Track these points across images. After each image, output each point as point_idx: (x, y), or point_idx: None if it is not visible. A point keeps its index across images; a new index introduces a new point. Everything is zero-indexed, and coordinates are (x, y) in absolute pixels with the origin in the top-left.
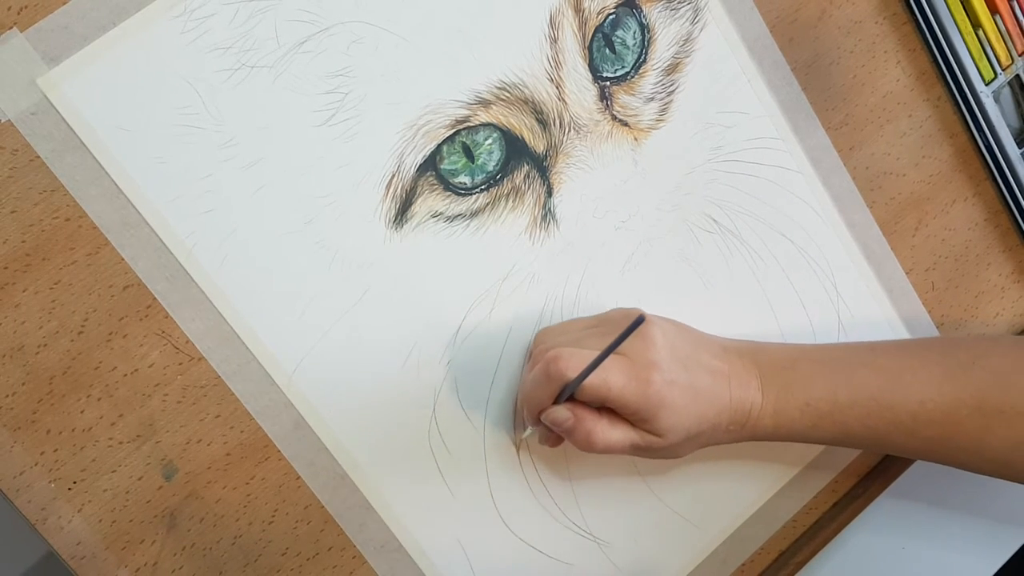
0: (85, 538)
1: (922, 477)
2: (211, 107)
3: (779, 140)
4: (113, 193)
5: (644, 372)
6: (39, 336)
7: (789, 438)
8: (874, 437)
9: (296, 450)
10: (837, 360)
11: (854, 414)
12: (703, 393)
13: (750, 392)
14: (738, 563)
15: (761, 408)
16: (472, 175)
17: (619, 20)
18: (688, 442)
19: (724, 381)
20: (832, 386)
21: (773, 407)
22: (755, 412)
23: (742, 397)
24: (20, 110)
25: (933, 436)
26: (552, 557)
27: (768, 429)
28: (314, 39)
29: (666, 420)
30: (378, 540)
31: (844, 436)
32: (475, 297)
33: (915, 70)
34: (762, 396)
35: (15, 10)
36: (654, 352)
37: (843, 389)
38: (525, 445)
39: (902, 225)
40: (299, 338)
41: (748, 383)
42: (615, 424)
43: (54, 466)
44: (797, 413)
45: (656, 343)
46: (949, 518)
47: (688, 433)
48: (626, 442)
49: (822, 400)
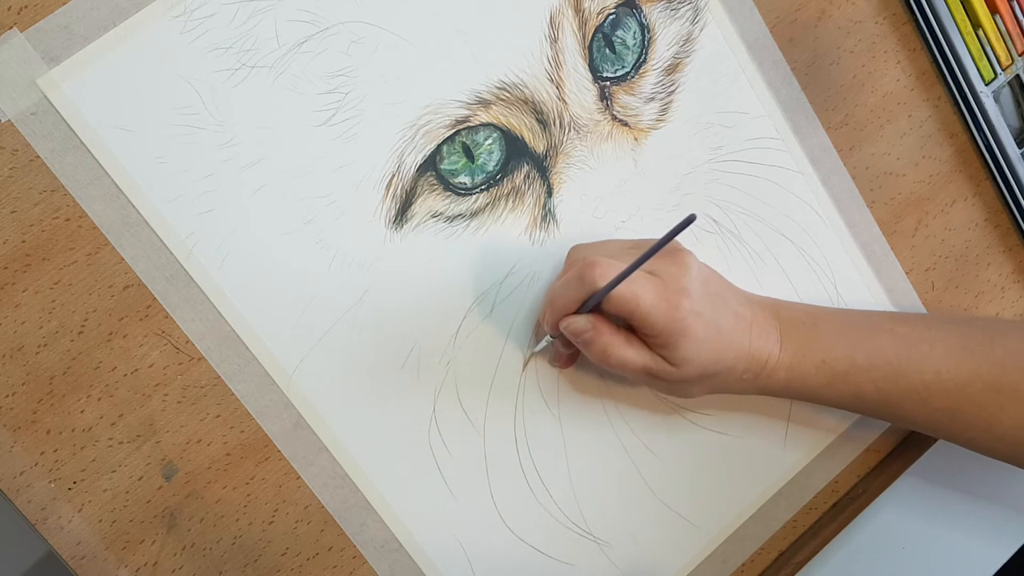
0: (85, 538)
1: (922, 478)
2: (211, 107)
3: (779, 140)
4: (113, 193)
5: (674, 296)
6: (39, 336)
7: (800, 395)
8: (885, 403)
9: (296, 450)
10: (858, 323)
11: (869, 377)
12: (725, 333)
13: (769, 343)
14: (738, 563)
15: (777, 360)
16: (472, 175)
17: (619, 20)
18: (701, 381)
19: (746, 327)
20: (850, 347)
21: (789, 361)
22: (771, 363)
23: (760, 346)
24: (20, 110)
25: (945, 408)
26: (552, 557)
27: (781, 382)
28: (314, 39)
29: (685, 350)
30: (378, 540)
31: (855, 399)
32: (475, 297)
33: (915, 70)
34: (780, 349)
35: (15, 10)
36: (687, 279)
37: (861, 351)
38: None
39: (902, 225)
40: (299, 338)
41: (768, 334)
42: (633, 344)
43: (54, 466)
44: (812, 369)
45: (691, 271)
46: (949, 519)
47: (703, 369)
48: (639, 363)
49: (839, 360)
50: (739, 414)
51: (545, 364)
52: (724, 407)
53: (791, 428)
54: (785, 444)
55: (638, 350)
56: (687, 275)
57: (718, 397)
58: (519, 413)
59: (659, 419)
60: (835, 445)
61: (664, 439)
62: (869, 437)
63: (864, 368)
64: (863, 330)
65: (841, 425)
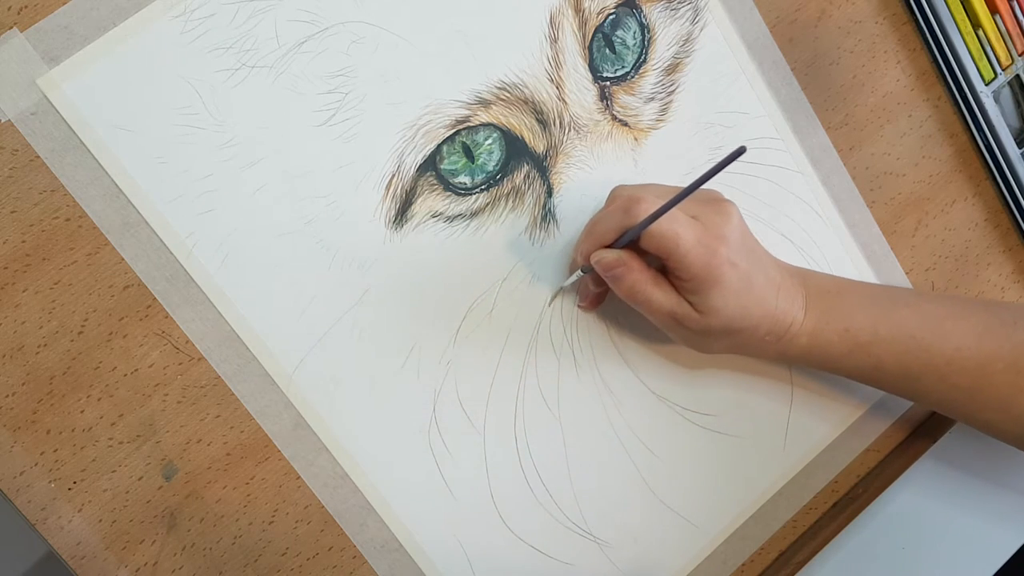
0: (85, 538)
1: (923, 478)
2: (211, 107)
3: (779, 140)
4: (113, 193)
5: (714, 242)
6: (39, 336)
7: (820, 363)
8: (905, 376)
9: (296, 450)
10: (883, 296)
11: (891, 349)
12: (755, 288)
13: (794, 307)
14: (738, 563)
15: (801, 326)
16: (472, 175)
17: (619, 20)
18: (724, 335)
19: (774, 288)
20: (874, 318)
21: (812, 327)
22: (794, 328)
23: (786, 309)
24: (20, 110)
25: (963, 385)
26: (552, 557)
27: (802, 348)
28: (314, 39)
29: (715, 298)
30: (378, 540)
31: (875, 370)
32: (475, 297)
33: (915, 70)
34: (804, 314)
35: (15, 10)
36: (728, 228)
37: (884, 323)
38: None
39: (902, 225)
40: (299, 338)
41: (794, 299)
42: (662, 285)
43: (54, 466)
44: (835, 337)
45: (733, 221)
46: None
47: (729, 322)
48: (666, 306)
49: (862, 330)
50: (739, 414)
51: (547, 367)
52: (724, 406)
53: (791, 428)
54: (785, 444)
55: (667, 292)
56: (728, 224)
57: (722, 390)
58: (519, 413)
59: (659, 419)
60: (835, 445)
61: (664, 439)
62: (869, 437)
63: (886, 340)
64: (888, 303)
65: (841, 426)
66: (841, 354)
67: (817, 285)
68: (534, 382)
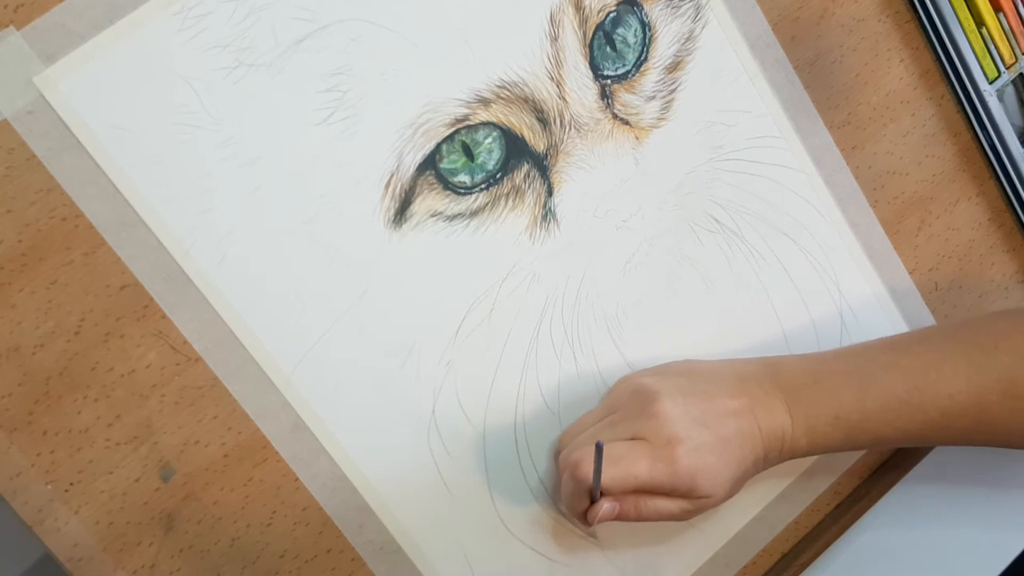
0: (82, 540)
1: (925, 479)
2: (209, 106)
3: (781, 139)
4: (110, 192)
5: (667, 451)
6: (35, 336)
7: (826, 451)
8: (907, 438)
9: (294, 451)
10: (859, 367)
11: (884, 419)
12: (733, 440)
13: (778, 418)
14: (740, 565)
15: (793, 431)
16: (472, 174)
17: (620, 18)
18: (735, 488)
19: (749, 417)
20: (859, 395)
21: (804, 427)
22: (788, 436)
23: (771, 425)
24: (16, 108)
25: (965, 427)
26: (552, 558)
27: (804, 448)
28: (312, 37)
29: (705, 485)
30: (377, 542)
31: (877, 441)
32: (475, 297)
33: (918, 68)
34: (791, 419)
35: (11, 8)
36: (669, 427)
37: (870, 397)
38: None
39: (905, 225)
40: (297, 338)
41: (773, 409)
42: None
43: (51, 467)
44: (829, 428)
45: (668, 416)
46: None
47: (732, 483)
48: (676, 509)
49: (851, 411)
50: None
51: (545, 364)
52: None
53: None
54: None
55: (669, 499)
56: (667, 423)
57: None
58: (519, 413)
59: None
60: None
61: None
62: None
63: (877, 412)
64: (867, 373)
65: None
66: (840, 441)
67: (791, 380)
68: (534, 382)
